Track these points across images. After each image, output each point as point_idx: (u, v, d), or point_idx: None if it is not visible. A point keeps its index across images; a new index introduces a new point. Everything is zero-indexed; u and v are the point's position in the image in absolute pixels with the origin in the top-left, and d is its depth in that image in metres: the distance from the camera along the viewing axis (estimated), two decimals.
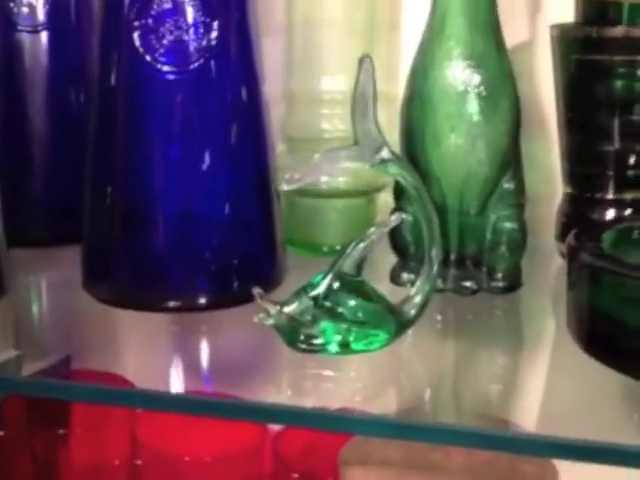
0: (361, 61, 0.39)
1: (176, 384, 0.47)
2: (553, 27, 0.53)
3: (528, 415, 0.42)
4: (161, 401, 0.40)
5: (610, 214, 0.52)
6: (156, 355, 0.48)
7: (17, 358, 0.44)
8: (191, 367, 0.47)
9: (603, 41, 0.50)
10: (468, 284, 0.48)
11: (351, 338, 0.41)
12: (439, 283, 0.46)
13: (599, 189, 0.52)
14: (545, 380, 0.45)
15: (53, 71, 0.57)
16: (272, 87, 0.53)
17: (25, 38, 0.56)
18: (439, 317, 0.48)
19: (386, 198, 0.56)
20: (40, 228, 0.58)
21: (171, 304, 0.47)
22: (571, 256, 0.42)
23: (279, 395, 0.42)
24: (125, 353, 0.55)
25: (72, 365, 0.48)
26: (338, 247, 0.55)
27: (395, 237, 0.49)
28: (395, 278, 0.50)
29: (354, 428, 0.38)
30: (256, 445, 0.55)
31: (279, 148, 0.57)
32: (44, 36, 0.56)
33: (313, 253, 0.56)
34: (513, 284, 0.49)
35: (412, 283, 0.48)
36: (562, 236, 0.54)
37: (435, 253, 0.42)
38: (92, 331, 0.51)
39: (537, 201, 0.51)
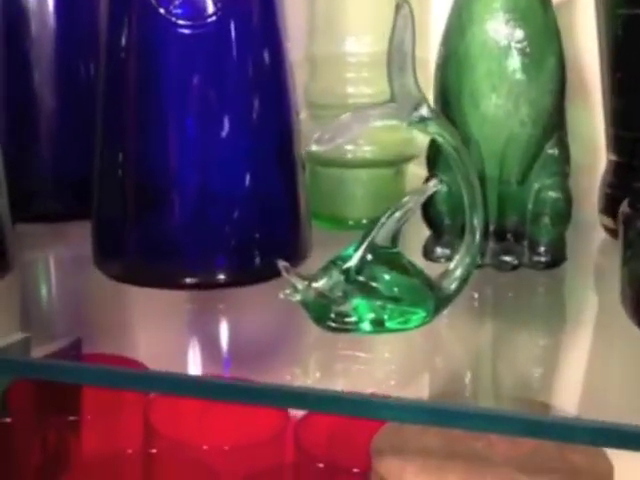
0: (398, 7, 0.36)
1: (194, 367, 0.44)
2: None
3: (572, 399, 0.39)
4: (179, 385, 0.36)
5: None
6: (172, 336, 0.45)
7: (24, 340, 0.41)
8: (210, 349, 0.44)
9: None
10: (508, 259, 0.45)
11: (386, 316, 0.37)
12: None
13: None
14: (591, 362, 0.42)
15: (61, 35, 0.54)
16: (293, 50, 0.50)
17: (31, 1, 0.53)
18: (476, 295, 0.44)
19: (415, 169, 0.54)
20: (49, 202, 0.55)
21: (188, 281, 0.43)
22: (627, 224, 0.39)
23: (306, 378, 0.39)
24: (139, 335, 0.53)
25: (83, 348, 0.46)
26: (364, 220, 0.52)
27: (428, 208, 0.46)
28: (428, 253, 0.46)
29: (388, 414, 0.35)
30: (277, 432, 0.52)
31: (301, 115, 0.54)
32: None
33: (338, 227, 0.53)
34: (557, 259, 0.46)
35: (447, 258, 0.46)
36: (606, 209, 0.51)
37: (477, 222, 0.39)
38: (104, 312, 0.48)
39: (577, 170, 0.48)
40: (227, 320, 0.45)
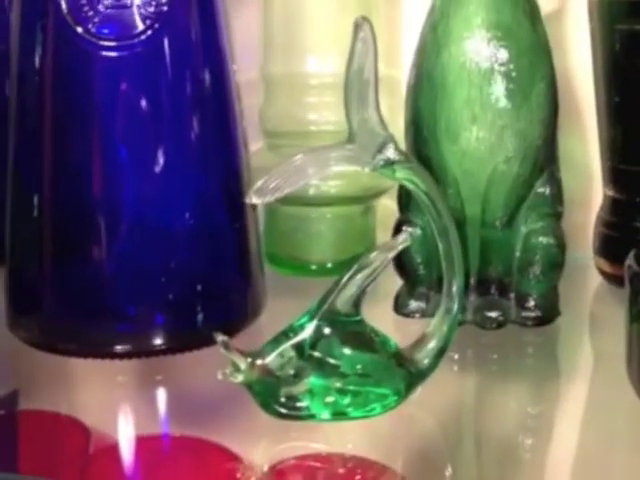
0: (357, 27, 0.29)
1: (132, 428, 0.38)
2: None
3: None
4: None
5: None
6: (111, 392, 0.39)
7: None
8: (149, 410, 0.38)
9: None
10: (493, 315, 0.40)
11: (347, 401, 0.31)
12: None
13: None
14: (588, 436, 0.36)
15: None
16: (247, 70, 0.45)
17: None
18: (456, 356, 0.39)
19: (387, 203, 0.48)
20: None
21: (118, 349, 0.38)
22: (634, 285, 0.33)
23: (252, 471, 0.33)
24: (74, 394, 0.47)
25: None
26: (329, 265, 0.48)
27: (400, 256, 0.40)
28: (401, 307, 0.42)
29: None
30: None
31: (257, 145, 0.49)
32: None
33: (299, 272, 0.48)
34: (549, 314, 0.41)
35: (422, 313, 0.41)
36: (602, 250, 0.47)
37: (456, 287, 0.33)
38: (36, 367, 0.42)
39: (570, 204, 0.43)
40: (162, 397, 0.39)
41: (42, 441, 0.37)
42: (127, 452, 0.38)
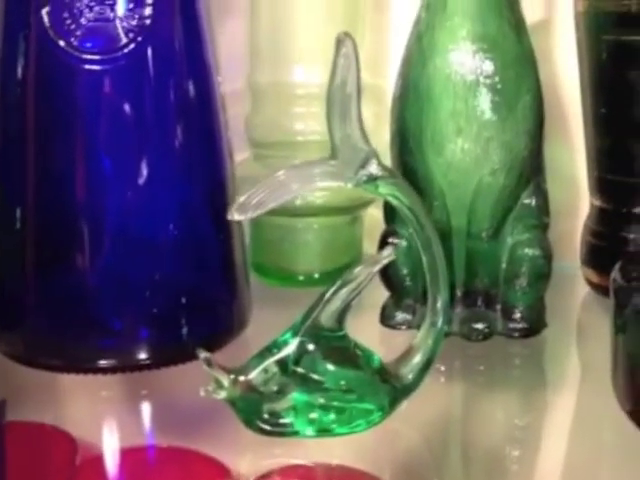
0: (339, 42, 0.29)
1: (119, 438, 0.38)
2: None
3: None
4: None
5: None
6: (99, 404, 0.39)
7: None
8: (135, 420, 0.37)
9: None
10: (479, 326, 0.40)
11: (331, 417, 0.31)
12: None
13: None
14: (575, 449, 0.35)
15: None
16: (234, 80, 0.46)
17: None
18: (443, 368, 0.39)
19: (374, 213, 0.48)
20: None
21: (102, 364, 0.37)
22: (619, 298, 0.33)
23: None
24: (59, 408, 0.46)
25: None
26: (316, 275, 0.47)
27: (386, 268, 0.39)
28: (387, 319, 0.41)
29: None
30: None
31: (243, 155, 0.48)
32: None
33: (286, 283, 0.48)
34: (535, 325, 0.41)
35: (408, 325, 0.41)
36: (589, 260, 0.46)
37: (441, 299, 0.32)
38: (20, 380, 0.41)
39: (556, 214, 0.43)
40: (144, 413, 0.38)
41: (29, 452, 0.37)
42: (114, 463, 0.38)
